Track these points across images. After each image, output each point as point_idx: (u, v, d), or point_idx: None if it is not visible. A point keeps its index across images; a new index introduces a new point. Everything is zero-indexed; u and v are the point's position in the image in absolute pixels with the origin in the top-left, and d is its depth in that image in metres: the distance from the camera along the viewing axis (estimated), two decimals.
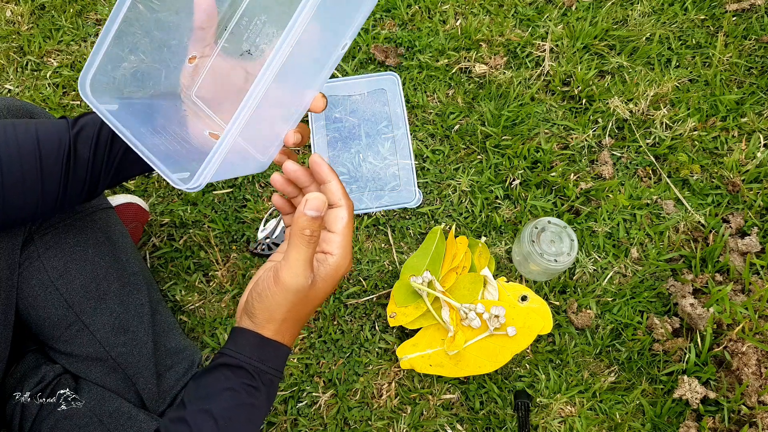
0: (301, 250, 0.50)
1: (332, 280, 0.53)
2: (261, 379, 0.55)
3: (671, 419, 0.93)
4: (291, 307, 0.53)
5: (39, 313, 0.73)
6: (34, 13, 1.25)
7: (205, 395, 0.54)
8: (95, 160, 0.61)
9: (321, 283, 0.53)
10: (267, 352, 0.55)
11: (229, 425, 0.53)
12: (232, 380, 0.54)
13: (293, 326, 0.55)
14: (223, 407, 0.53)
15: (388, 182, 1.09)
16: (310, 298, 0.53)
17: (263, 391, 0.55)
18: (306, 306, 0.53)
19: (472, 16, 1.23)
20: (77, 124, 0.61)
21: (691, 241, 1.05)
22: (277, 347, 0.55)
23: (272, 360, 0.55)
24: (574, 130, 1.13)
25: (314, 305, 0.54)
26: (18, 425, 0.69)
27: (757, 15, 1.24)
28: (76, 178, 0.61)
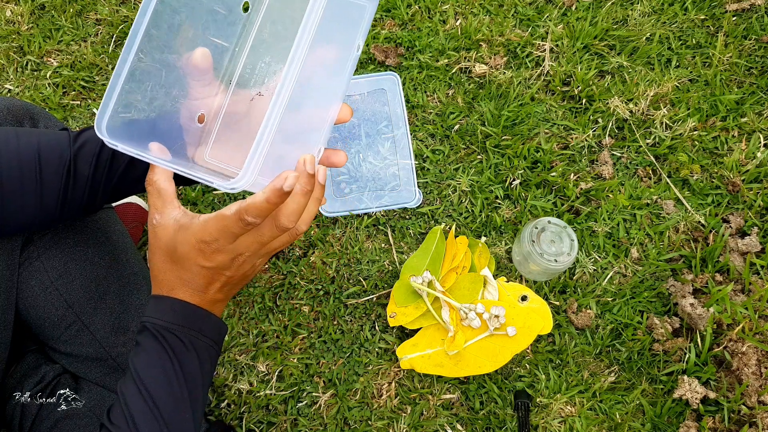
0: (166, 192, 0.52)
1: (184, 233, 0.50)
2: (161, 335, 0.54)
3: (671, 419, 0.93)
4: (150, 247, 0.54)
5: (39, 313, 0.73)
6: (34, 13, 1.25)
7: (128, 363, 0.55)
8: (95, 178, 0.61)
9: (170, 228, 0.51)
10: (163, 310, 0.54)
11: (146, 387, 0.53)
12: (141, 343, 0.54)
13: (169, 279, 0.54)
14: (137, 370, 0.54)
15: (388, 182, 1.09)
16: (162, 241, 0.52)
17: (169, 348, 0.54)
18: (159, 251, 0.53)
19: (472, 16, 1.23)
20: (79, 139, 0.60)
21: (691, 241, 1.05)
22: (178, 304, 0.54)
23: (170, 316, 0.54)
24: (574, 130, 1.13)
25: (172, 256, 0.52)
26: (18, 425, 0.69)
27: (757, 15, 1.24)
28: (74, 194, 0.60)
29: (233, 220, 0.46)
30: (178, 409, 0.54)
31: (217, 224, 0.47)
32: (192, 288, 0.54)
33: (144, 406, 0.53)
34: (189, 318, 0.55)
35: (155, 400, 0.53)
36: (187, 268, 0.52)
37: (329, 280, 1.02)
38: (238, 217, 0.46)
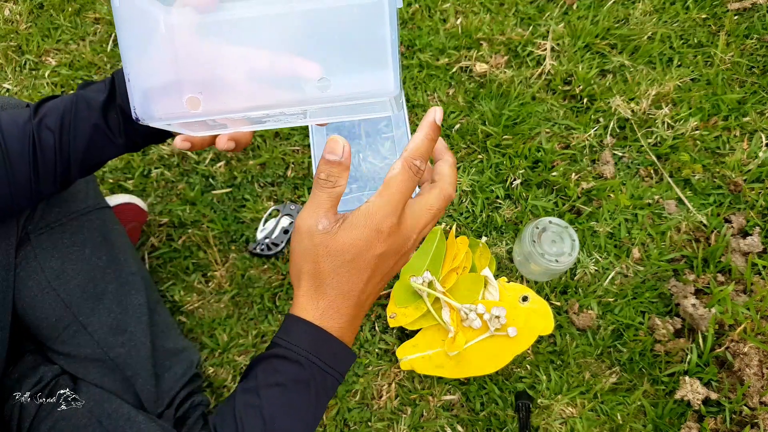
0: (315, 195, 0.47)
1: (361, 228, 0.46)
2: (310, 373, 0.51)
3: (673, 420, 0.92)
4: (312, 258, 0.48)
5: (37, 313, 0.72)
6: (32, 12, 1.25)
7: (254, 388, 0.51)
8: (61, 147, 0.60)
9: (344, 230, 0.47)
10: (317, 342, 0.50)
11: (275, 424, 0.50)
12: (281, 374, 0.51)
13: (331, 292, 0.49)
14: (271, 404, 0.50)
15: None
16: (333, 248, 0.47)
17: (313, 387, 0.51)
18: (330, 257, 0.47)
19: (473, 14, 1.23)
20: (39, 111, 0.59)
21: (692, 241, 1.04)
22: (328, 338, 0.50)
23: (324, 353, 0.50)
24: (576, 130, 1.13)
25: (344, 260, 0.48)
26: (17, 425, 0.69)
27: (758, 14, 1.23)
28: (45, 167, 0.59)
29: (405, 174, 0.46)
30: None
31: (390, 189, 0.46)
32: (350, 293, 0.49)
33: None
34: (339, 356, 0.51)
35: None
36: (359, 264, 0.48)
37: None
38: (408, 166, 0.46)
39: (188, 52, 0.48)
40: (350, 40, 0.45)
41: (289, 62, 0.46)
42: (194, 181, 1.08)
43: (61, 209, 0.74)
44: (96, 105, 0.59)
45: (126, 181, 1.08)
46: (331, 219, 0.47)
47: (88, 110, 0.59)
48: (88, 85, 0.61)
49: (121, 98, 0.59)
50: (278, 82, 0.47)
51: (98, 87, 0.60)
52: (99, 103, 0.59)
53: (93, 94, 0.59)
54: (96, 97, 0.59)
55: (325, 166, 0.47)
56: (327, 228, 0.47)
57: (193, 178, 1.09)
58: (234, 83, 0.48)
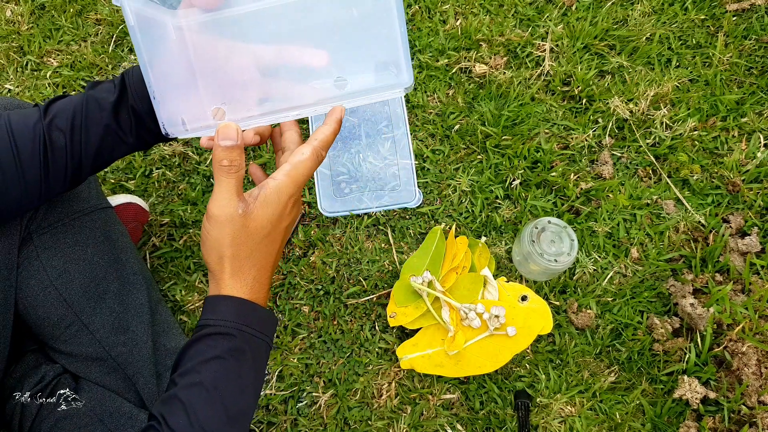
0: (222, 182, 0.49)
1: (274, 205, 0.51)
2: (243, 341, 0.53)
3: (671, 419, 0.93)
4: (232, 241, 0.51)
5: (38, 312, 0.73)
6: (34, 13, 1.25)
7: (192, 368, 0.52)
8: (72, 148, 0.60)
9: (260, 209, 0.51)
10: (244, 313, 0.53)
11: (222, 394, 0.51)
12: (215, 348, 0.52)
13: (253, 268, 0.53)
14: (212, 376, 0.51)
15: (388, 182, 1.09)
16: (252, 228, 0.51)
17: (248, 354, 0.53)
18: (251, 238, 0.51)
19: (472, 15, 1.23)
20: (48, 112, 0.59)
21: (691, 241, 1.05)
22: (254, 307, 0.54)
23: (254, 321, 0.54)
24: (575, 130, 1.13)
25: (262, 236, 0.52)
26: (18, 425, 0.69)
27: (757, 15, 1.24)
28: (56, 167, 0.60)
29: (312, 161, 0.51)
30: (246, 419, 0.54)
31: (298, 171, 0.51)
32: (270, 265, 0.54)
33: (218, 416, 0.51)
34: (264, 321, 0.55)
35: (229, 411, 0.52)
36: (275, 237, 0.53)
37: (329, 280, 1.02)
38: (316, 155, 0.51)
39: (200, 56, 0.49)
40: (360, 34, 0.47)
41: (298, 52, 0.48)
42: (195, 182, 1.09)
43: (63, 209, 0.75)
44: (107, 105, 0.59)
45: (127, 182, 1.08)
46: (246, 201, 0.51)
47: (99, 111, 0.59)
48: (96, 85, 0.61)
49: (133, 98, 0.59)
50: (295, 80, 0.49)
51: (107, 87, 0.60)
52: (109, 103, 0.59)
53: (103, 94, 0.59)
54: (106, 98, 0.59)
55: (224, 152, 0.49)
56: (245, 210, 0.50)
57: (194, 178, 1.09)
58: (252, 85, 0.51)
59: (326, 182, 1.08)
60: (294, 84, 0.51)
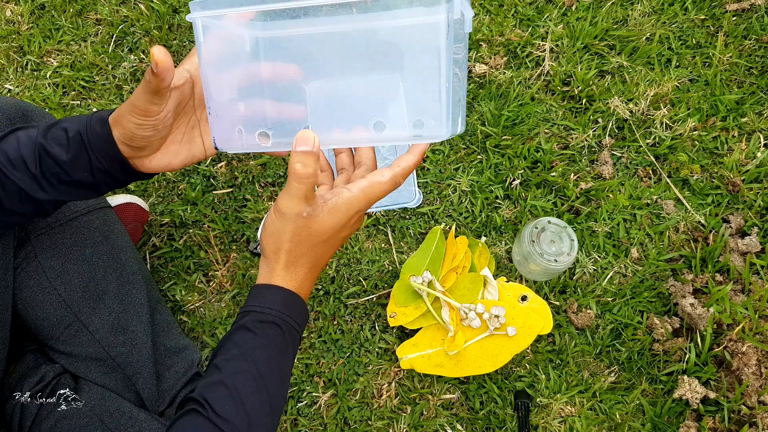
0: (293, 186, 0.50)
1: (341, 215, 0.52)
2: (288, 334, 0.55)
3: (671, 419, 0.93)
4: (292, 237, 0.53)
5: (38, 313, 0.73)
6: (34, 13, 1.25)
7: (238, 355, 0.53)
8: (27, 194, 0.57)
9: (327, 215, 0.52)
10: (291, 305, 0.55)
11: (267, 384, 0.53)
12: (263, 337, 0.54)
13: (305, 265, 0.55)
14: (258, 365, 0.53)
15: None
16: (314, 229, 0.52)
17: (290, 348, 0.56)
18: (311, 238, 0.53)
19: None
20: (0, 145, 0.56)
21: (691, 241, 1.05)
22: (300, 301, 0.56)
23: (296, 314, 0.56)
24: (574, 130, 1.13)
25: (322, 239, 0.54)
26: (18, 425, 0.69)
27: (757, 15, 1.24)
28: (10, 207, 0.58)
29: (389, 185, 0.53)
30: (280, 408, 0.56)
31: (372, 191, 0.52)
32: (321, 265, 0.57)
33: (265, 405, 0.53)
34: (303, 315, 0.57)
35: (273, 400, 0.54)
36: (333, 244, 0.55)
37: (329, 280, 1.02)
38: (393, 181, 0.52)
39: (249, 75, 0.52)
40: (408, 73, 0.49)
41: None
42: (195, 182, 1.09)
43: (61, 209, 0.75)
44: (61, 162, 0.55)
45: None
46: (314, 205, 0.52)
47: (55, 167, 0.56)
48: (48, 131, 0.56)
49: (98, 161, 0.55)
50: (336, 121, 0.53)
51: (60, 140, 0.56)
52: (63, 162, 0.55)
53: (57, 149, 0.55)
54: (59, 155, 0.55)
55: (298, 156, 0.49)
56: (311, 213, 0.52)
57: (194, 178, 1.09)
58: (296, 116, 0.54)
59: None
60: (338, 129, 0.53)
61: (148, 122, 0.53)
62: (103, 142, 0.55)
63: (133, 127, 0.53)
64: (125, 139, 0.54)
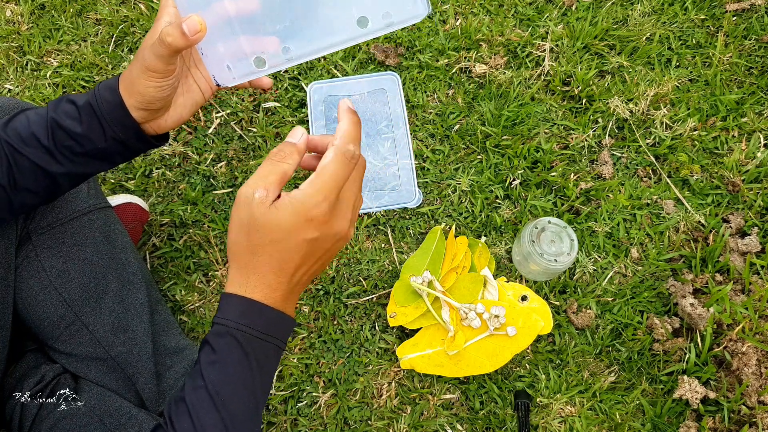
0: (261, 166, 0.48)
1: (290, 214, 0.47)
2: (246, 344, 0.50)
3: (671, 419, 0.93)
4: (240, 227, 0.48)
5: (38, 312, 0.73)
6: (33, 13, 1.25)
7: (198, 370, 0.51)
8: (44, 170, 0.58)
9: (275, 210, 0.47)
10: (250, 314, 0.50)
11: (224, 400, 0.50)
12: (219, 351, 0.51)
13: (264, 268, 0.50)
14: (214, 381, 0.50)
15: (388, 182, 1.09)
16: (262, 222, 0.47)
17: (252, 357, 0.51)
18: (260, 233, 0.48)
19: (472, 15, 1.23)
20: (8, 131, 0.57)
21: (691, 241, 1.05)
22: (261, 308, 0.50)
23: (259, 323, 0.51)
24: (574, 130, 1.13)
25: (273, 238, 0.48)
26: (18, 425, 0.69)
27: (757, 15, 1.24)
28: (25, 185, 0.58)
29: (339, 161, 0.47)
30: (252, 423, 0.52)
31: (324, 177, 0.47)
32: (282, 270, 0.50)
33: (219, 422, 0.50)
34: (274, 323, 0.52)
35: (232, 417, 0.50)
36: (288, 246, 0.49)
37: (329, 280, 1.02)
38: (341, 153, 0.47)
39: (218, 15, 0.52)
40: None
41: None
42: (195, 182, 1.09)
43: (62, 209, 0.75)
44: (74, 134, 0.57)
45: (127, 181, 1.08)
46: (270, 190, 0.48)
47: (69, 140, 0.57)
48: (57, 106, 0.58)
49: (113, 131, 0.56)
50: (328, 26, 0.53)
51: (71, 113, 0.57)
52: (77, 134, 0.57)
53: (67, 121, 0.56)
54: (72, 127, 0.56)
55: (280, 145, 0.49)
56: (262, 197, 0.47)
57: (194, 178, 1.09)
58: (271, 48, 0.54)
59: None
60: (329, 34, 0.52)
61: (166, 83, 0.53)
62: (115, 110, 0.56)
63: (153, 91, 0.53)
64: (143, 105, 0.55)
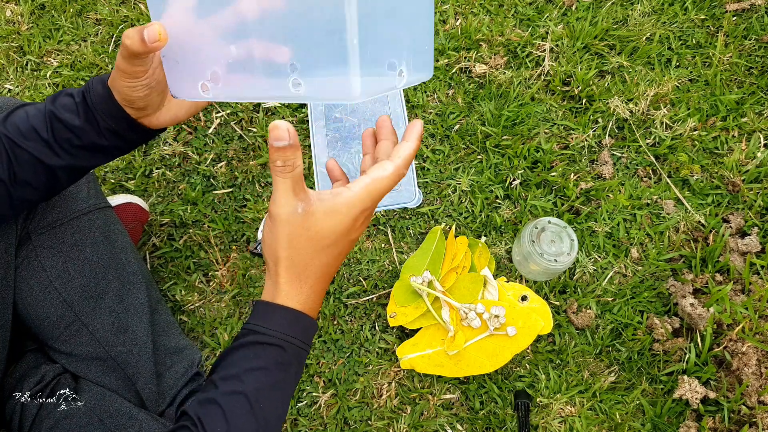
0: (278, 182, 0.47)
1: (342, 216, 0.48)
2: (291, 354, 0.52)
3: (671, 419, 0.93)
4: (289, 243, 0.49)
5: (38, 312, 0.73)
6: (34, 13, 1.25)
7: (236, 375, 0.51)
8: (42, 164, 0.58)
9: (325, 217, 0.48)
10: (295, 325, 0.52)
11: (262, 406, 0.51)
12: (263, 358, 0.51)
13: (311, 277, 0.51)
14: (256, 387, 0.51)
15: None
16: (313, 233, 0.48)
17: (293, 366, 0.53)
18: (311, 244, 0.49)
19: (472, 15, 1.23)
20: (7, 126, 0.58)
21: (691, 241, 1.05)
22: (306, 319, 0.52)
23: (300, 333, 0.52)
24: (574, 130, 1.13)
25: (324, 245, 0.49)
26: (18, 425, 0.69)
27: (757, 15, 1.24)
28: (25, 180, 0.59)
29: (393, 178, 0.49)
30: (277, 428, 0.53)
31: (376, 187, 0.49)
32: (329, 275, 0.52)
33: (255, 430, 0.50)
34: (309, 331, 0.53)
35: (267, 424, 0.51)
36: (339, 249, 0.50)
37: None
38: (397, 173, 0.49)
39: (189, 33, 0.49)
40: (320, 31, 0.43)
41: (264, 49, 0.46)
42: (195, 182, 1.09)
43: (61, 209, 0.75)
44: (72, 127, 0.57)
45: (127, 181, 1.08)
46: (307, 201, 0.48)
47: (67, 132, 0.58)
48: (55, 100, 0.58)
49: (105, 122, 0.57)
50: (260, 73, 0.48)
51: (69, 105, 0.58)
52: (75, 126, 0.57)
53: (66, 114, 0.57)
54: (70, 119, 0.57)
55: (277, 153, 0.47)
56: (306, 210, 0.48)
57: (194, 178, 1.09)
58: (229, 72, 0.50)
59: (326, 182, 1.08)
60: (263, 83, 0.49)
61: (138, 83, 0.53)
62: (105, 102, 0.56)
63: (127, 90, 0.54)
64: (125, 102, 0.56)
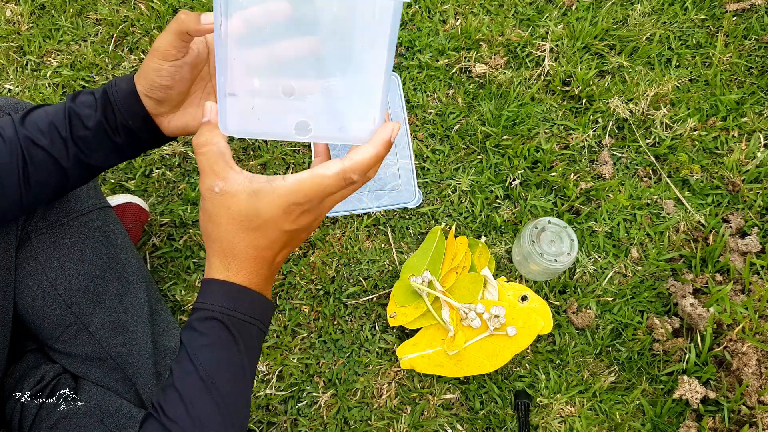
0: (200, 160, 0.49)
1: (265, 202, 0.47)
2: (234, 328, 0.51)
3: (671, 419, 0.93)
4: (211, 217, 0.49)
5: (38, 313, 0.73)
6: (34, 13, 1.25)
7: (186, 355, 0.51)
8: (55, 163, 0.58)
9: (247, 196, 0.47)
10: (232, 297, 0.51)
11: (215, 382, 0.51)
12: (208, 336, 0.51)
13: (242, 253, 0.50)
14: (204, 365, 0.50)
15: (388, 182, 1.09)
16: (234, 210, 0.48)
17: (240, 342, 0.52)
18: (233, 221, 0.48)
19: (472, 15, 1.23)
20: (26, 124, 0.58)
21: (691, 241, 1.05)
22: (245, 291, 0.51)
23: (241, 306, 0.52)
24: (574, 130, 1.13)
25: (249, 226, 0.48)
26: (17, 425, 0.69)
27: (757, 15, 1.24)
28: (38, 180, 0.59)
29: (335, 180, 0.46)
30: (244, 406, 0.53)
31: (313, 185, 0.47)
32: (262, 258, 0.51)
33: (213, 406, 0.50)
34: (256, 306, 0.53)
35: (225, 399, 0.51)
36: (267, 235, 0.49)
37: (329, 279, 1.02)
38: (342, 177, 0.46)
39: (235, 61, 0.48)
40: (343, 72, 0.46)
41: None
42: (195, 182, 1.09)
43: (61, 209, 0.75)
44: (91, 124, 0.58)
45: (127, 181, 1.08)
46: (228, 180, 0.48)
47: (83, 128, 0.58)
48: (76, 97, 0.59)
49: (123, 117, 0.58)
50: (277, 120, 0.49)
51: (88, 102, 0.58)
52: (91, 125, 0.58)
53: (85, 110, 0.58)
54: (89, 115, 0.58)
55: (198, 132, 0.49)
56: (225, 189, 0.48)
57: (194, 178, 1.09)
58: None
59: None
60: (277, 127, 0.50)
61: (167, 66, 0.54)
62: (126, 97, 0.57)
63: (153, 73, 0.55)
64: (146, 89, 0.56)
